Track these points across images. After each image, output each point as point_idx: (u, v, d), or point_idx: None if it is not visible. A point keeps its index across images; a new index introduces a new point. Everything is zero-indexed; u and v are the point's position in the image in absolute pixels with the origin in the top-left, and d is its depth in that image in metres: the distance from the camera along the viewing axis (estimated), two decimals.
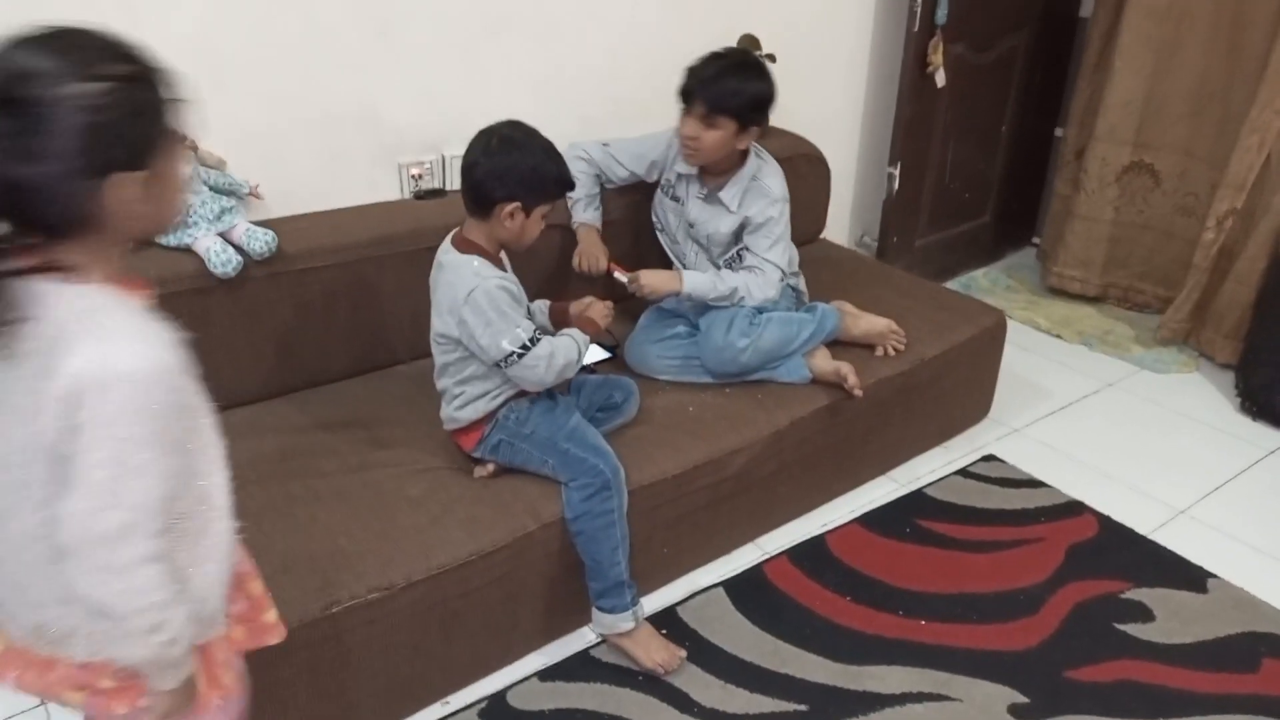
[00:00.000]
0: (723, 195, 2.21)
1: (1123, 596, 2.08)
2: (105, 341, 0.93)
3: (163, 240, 1.88)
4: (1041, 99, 3.54)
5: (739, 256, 2.25)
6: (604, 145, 2.35)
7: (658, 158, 2.32)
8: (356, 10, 2.11)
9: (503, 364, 1.74)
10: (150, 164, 0.97)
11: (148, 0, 1.84)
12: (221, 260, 1.88)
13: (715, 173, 2.22)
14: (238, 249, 1.92)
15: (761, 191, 2.20)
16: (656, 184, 2.37)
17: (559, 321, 1.97)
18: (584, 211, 2.32)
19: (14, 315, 0.93)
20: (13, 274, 0.93)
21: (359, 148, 2.24)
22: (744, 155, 2.20)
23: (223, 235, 1.92)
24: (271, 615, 1.24)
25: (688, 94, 2.09)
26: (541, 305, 1.99)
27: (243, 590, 1.19)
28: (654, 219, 2.40)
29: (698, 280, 2.17)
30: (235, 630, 1.17)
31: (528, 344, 1.73)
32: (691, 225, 2.28)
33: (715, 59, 2.11)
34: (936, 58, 2.98)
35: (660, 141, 2.30)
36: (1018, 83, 3.42)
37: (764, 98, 2.13)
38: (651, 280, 2.15)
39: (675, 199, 2.31)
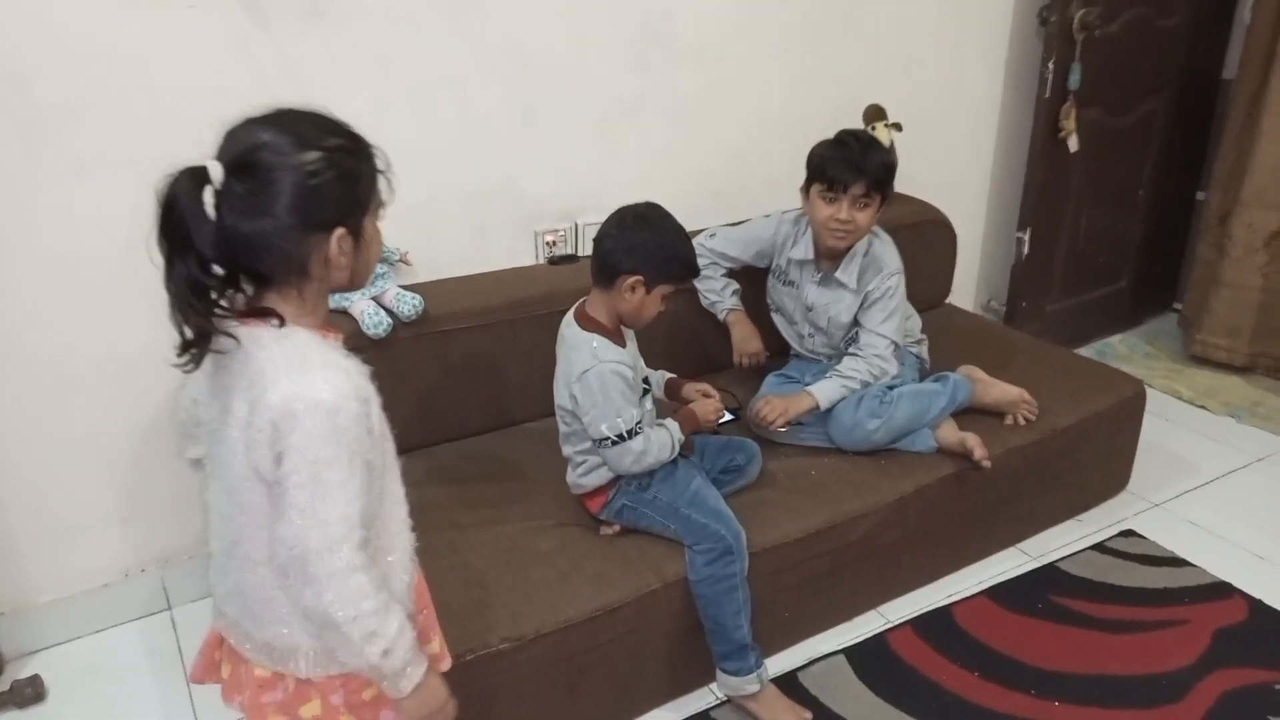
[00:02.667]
0: (840, 275, 2.20)
1: (1278, 688, 1.95)
2: (301, 374, 1.05)
3: None
4: (1182, 162, 3.44)
5: (856, 336, 2.23)
6: (710, 236, 2.38)
7: (764, 246, 2.33)
8: (505, 98, 2.27)
9: (597, 443, 1.81)
10: (354, 223, 1.10)
11: (325, 94, 2.02)
12: (374, 322, 2.02)
13: (832, 255, 2.22)
14: (388, 311, 2.06)
15: (878, 265, 2.20)
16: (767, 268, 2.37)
17: (673, 395, 2.00)
18: (728, 298, 2.35)
19: (224, 350, 1.06)
20: (226, 316, 1.06)
21: (500, 218, 2.38)
22: None
23: (375, 299, 2.07)
24: (434, 646, 1.32)
25: (842, 180, 2.06)
26: (660, 377, 2.00)
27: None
28: (768, 301, 2.41)
29: (829, 391, 2.14)
30: None
31: (624, 434, 1.77)
32: (810, 309, 2.28)
33: (853, 140, 2.11)
34: (1069, 123, 2.95)
35: (766, 228, 2.33)
36: (1156, 146, 3.33)
37: (895, 170, 2.16)
38: (791, 413, 2.12)
39: (789, 283, 2.31)
